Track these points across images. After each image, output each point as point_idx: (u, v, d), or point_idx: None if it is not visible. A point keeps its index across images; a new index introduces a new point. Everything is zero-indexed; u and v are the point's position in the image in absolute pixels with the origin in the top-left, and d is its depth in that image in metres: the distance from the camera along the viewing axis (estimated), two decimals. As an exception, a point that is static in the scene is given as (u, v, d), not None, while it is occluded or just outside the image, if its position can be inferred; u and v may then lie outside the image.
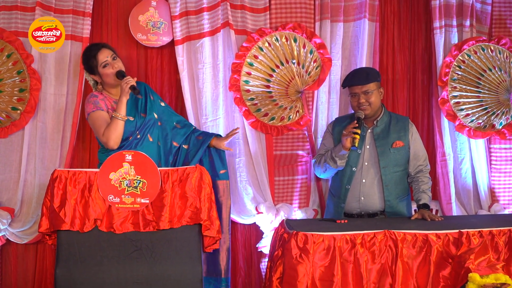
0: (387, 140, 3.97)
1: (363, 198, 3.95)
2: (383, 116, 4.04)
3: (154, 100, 4.01)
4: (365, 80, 3.94)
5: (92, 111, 3.78)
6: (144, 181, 3.42)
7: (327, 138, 4.17)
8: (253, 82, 4.42)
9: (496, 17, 4.67)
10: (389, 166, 3.94)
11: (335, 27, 4.51)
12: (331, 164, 3.96)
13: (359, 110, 3.95)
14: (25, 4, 4.20)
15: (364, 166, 3.97)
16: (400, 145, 3.95)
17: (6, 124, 4.19)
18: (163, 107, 4.06)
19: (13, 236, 4.23)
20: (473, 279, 3.12)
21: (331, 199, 4.14)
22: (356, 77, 3.99)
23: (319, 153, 4.15)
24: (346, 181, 3.99)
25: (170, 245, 3.41)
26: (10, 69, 4.18)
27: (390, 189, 3.93)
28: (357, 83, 3.95)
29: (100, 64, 3.81)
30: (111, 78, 3.83)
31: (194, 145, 4.02)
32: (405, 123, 4.05)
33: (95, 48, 3.86)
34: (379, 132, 4.00)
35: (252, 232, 4.57)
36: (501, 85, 4.53)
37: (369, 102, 3.93)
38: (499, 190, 4.65)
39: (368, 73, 4.01)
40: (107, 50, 3.85)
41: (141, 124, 3.86)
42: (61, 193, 3.40)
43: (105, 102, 3.83)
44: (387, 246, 3.28)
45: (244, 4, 4.42)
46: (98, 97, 3.84)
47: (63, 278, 3.34)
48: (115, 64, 3.83)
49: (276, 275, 3.30)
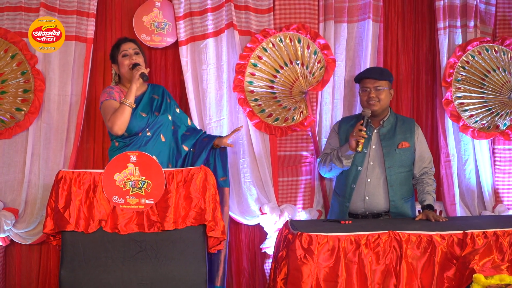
0: (393, 140, 3.98)
1: (368, 198, 3.95)
2: (389, 117, 4.05)
3: (171, 104, 4.05)
4: (380, 75, 3.98)
5: (105, 99, 3.85)
6: (149, 182, 3.42)
7: (333, 137, 4.17)
8: (257, 83, 4.42)
9: (500, 18, 4.67)
10: (394, 167, 3.94)
11: (339, 28, 4.51)
12: (337, 163, 3.96)
13: (368, 104, 3.95)
14: (29, 5, 4.21)
15: (370, 166, 3.98)
16: (405, 146, 3.96)
17: (10, 125, 4.20)
18: (178, 113, 4.09)
19: (17, 237, 4.23)
20: (477, 280, 3.11)
21: (336, 198, 4.13)
22: (371, 72, 4.04)
23: (325, 152, 4.16)
24: (352, 180, 3.99)
25: (174, 246, 3.40)
26: (14, 70, 4.19)
27: (395, 189, 3.94)
28: (371, 77, 3.98)
29: (120, 52, 3.91)
30: (126, 69, 3.89)
31: (200, 147, 4.03)
32: (411, 125, 4.06)
33: (123, 40, 3.97)
34: (385, 133, 4.01)
35: (256, 233, 4.58)
36: (505, 86, 4.52)
37: (379, 98, 3.95)
38: (503, 191, 4.65)
39: (382, 70, 4.07)
40: (131, 43, 3.94)
41: (152, 122, 3.88)
42: (65, 194, 3.39)
43: (120, 94, 3.88)
44: (392, 247, 3.28)
45: (248, 5, 4.42)
46: (114, 89, 3.91)
47: (67, 279, 3.34)
48: (135, 57, 3.89)
49: (280, 276, 3.30)
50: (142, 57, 3.94)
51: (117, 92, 3.88)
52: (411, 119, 4.15)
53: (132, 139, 3.84)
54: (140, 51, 3.94)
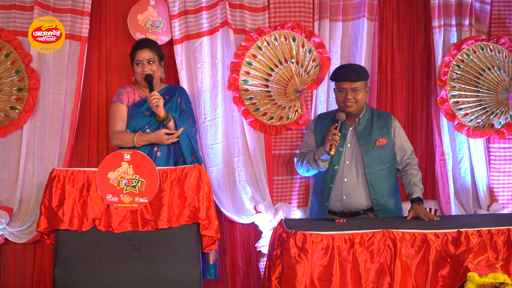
0: (370, 138, 3.91)
1: (346, 197, 3.90)
2: (365, 113, 3.98)
3: (180, 103, 4.04)
4: (357, 77, 3.87)
5: (113, 101, 3.99)
6: (143, 180, 3.42)
7: (309, 135, 4.12)
8: (252, 82, 4.42)
9: (495, 16, 4.67)
10: (373, 165, 3.89)
11: (334, 26, 4.51)
12: (313, 166, 3.94)
13: (345, 105, 3.88)
14: (23, 4, 4.20)
15: (346, 165, 3.92)
16: (383, 142, 3.91)
17: (5, 124, 4.19)
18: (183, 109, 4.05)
19: (11, 235, 4.22)
20: (471, 279, 3.11)
21: (315, 197, 4.10)
22: (348, 73, 3.91)
23: (301, 151, 4.13)
24: (329, 180, 3.94)
25: (168, 244, 3.40)
26: (8, 68, 4.18)
27: (376, 187, 3.88)
28: (347, 79, 3.87)
29: (135, 61, 3.96)
30: (139, 77, 3.97)
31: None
32: (387, 119, 3.99)
33: (141, 45, 4.00)
34: (362, 130, 3.94)
35: (250, 232, 4.57)
36: (500, 85, 4.53)
37: (356, 99, 3.87)
38: (498, 190, 4.65)
39: (359, 70, 3.95)
40: (148, 51, 3.96)
41: (153, 119, 3.89)
42: (59, 193, 3.39)
43: (128, 95, 3.97)
44: (386, 246, 3.27)
45: (243, 3, 4.42)
46: (126, 89, 4.02)
47: (61, 277, 3.34)
48: (148, 67, 3.94)
49: (275, 274, 3.29)
50: (158, 64, 3.99)
51: (126, 93, 3.97)
52: (387, 113, 4.10)
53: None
54: (156, 59, 3.97)
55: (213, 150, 4.39)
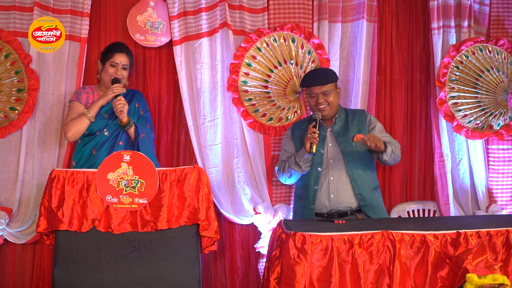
0: (347, 136, 4.02)
1: (333, 195, 3.97)
2: (340, 113, 4.10)
3: (138, 108, 4.10)
4: (324, 80, 3.99)
5: (72, 100, 4.03)
6: (142, 181, 3.43)
7: (287, 143, 4.20)
8: (251, 83, 4.42)
9: (494, 18, 4.67)
10: (354, 161, 3.98)
11: (333, 28, 4.51)
12: (296, 169, 4.00)
13: (318, 109, 3.99)
14: (23, 4, 4.21)
15: (330, 164, 4.01)
16: (360, 137, 3.93)
17: (4, 124, 4.19)
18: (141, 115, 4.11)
19: (11, 236, 4.22)
20: (471, 280, 3.11)
21: (298, 202, 4.16)
22: (315, 78, 4.02)
23: (281, 159, 4.18)
24: (314, 182, 4.01)
25: (168, 245, 3.41)
26: (8, 69, 4.18)
27: (359, 182, 3.97)
28: (316, 84, 3.99)
29: (110, 60, 3.99)
30: (107, 77, 4.00)
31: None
32: (361, 116, 4.12)
33: (119, 48, 4.06)
34: (339, 130, 4.05)
35: (250, 233, 4.57)
36: (499, 86, 4.53)
37: (328, 102, 3.98)
38: (497, 191, 4.65)
39: (326, 74, 4.05)
40: (125, 57, 4.05)
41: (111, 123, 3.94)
42: (59, 193, 3.40)
43: (88, 96, 4.02)
44: (385, 247, 3.27)
45: (242, 5, 4.42)
46: (86, 89, 4.06)
47: (61, 278, 3.34)
48: (121, 72, 4.01)
49: (274, 275, 3.29)
50: (128, 72, 4.07)
51: (85, 93, 4.03)
52: (361, 110, 4.21)
53: (90, 138, 3.92)
54: (129, 67, 4.07)
55: (213, 151, 4.39)
